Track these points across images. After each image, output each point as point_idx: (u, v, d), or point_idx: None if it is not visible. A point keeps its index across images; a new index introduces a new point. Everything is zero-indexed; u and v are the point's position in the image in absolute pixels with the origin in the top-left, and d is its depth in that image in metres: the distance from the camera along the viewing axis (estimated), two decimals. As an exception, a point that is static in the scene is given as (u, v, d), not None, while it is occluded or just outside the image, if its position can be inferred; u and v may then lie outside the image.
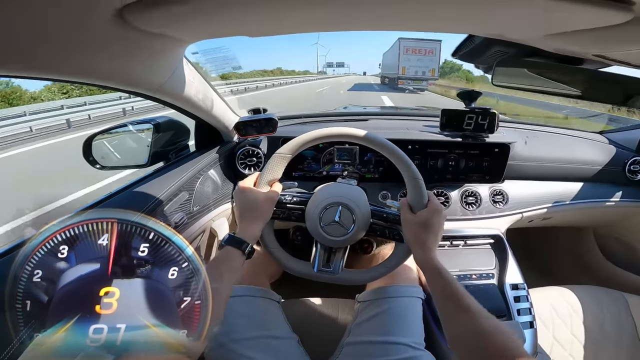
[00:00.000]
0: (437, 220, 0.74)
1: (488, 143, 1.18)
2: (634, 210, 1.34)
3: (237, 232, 0.71)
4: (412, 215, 0.76)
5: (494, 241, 1.18)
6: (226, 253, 0.67)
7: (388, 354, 0.78)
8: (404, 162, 0.78)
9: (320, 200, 0.79)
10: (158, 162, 1.06)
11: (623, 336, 1.08)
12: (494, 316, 0.56)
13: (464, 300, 0.60)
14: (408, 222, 0.76)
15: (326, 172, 1.21)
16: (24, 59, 0.45)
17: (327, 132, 0.80)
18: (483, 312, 0.58)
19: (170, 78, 0.76)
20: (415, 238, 0.74)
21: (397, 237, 0.80)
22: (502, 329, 0.54)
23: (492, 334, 0.53)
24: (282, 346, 0.80)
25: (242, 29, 0.63)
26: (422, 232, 0.73)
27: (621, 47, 0.54)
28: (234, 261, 0.66)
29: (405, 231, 0.77)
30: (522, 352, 0.50)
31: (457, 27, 0.64)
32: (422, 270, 0.71)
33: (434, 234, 0.73)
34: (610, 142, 1.41)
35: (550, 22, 0.51)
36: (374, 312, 0.86)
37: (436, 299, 0.65)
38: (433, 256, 0.70)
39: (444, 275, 0.65)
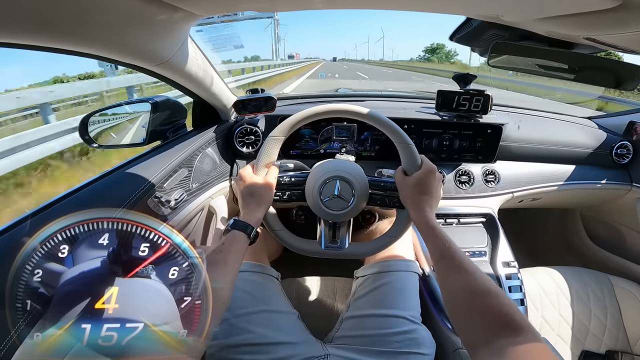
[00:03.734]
0: (432, 180, 0.74)
1: (481, 124, 1.21)
2: (619, 192, 1.38)
3: (242, 217, 0.72)
4: (407, 178, 0.77)
5: (486, 220, 1.22)
6: (233, 236, 0.67)
7: (387, 327, 0.79)
8: (392, 129, 0.79)
9: (318, 177, 0.80)
10: (156, 140, 1.06)
11: (608, 318, 1.12)
12: (489, 277, 0.55)
13: (457, 259, 0.59)
14: (403, 185, 0.76)
15: (324, 150, 1.22)
16: (21, 24, 0.44)
17: (314, 110, 0.80)
18: (477, 271, 0.56)
19: (177, 53, 0.76)
20: (410, 199, 0.74)
21: (398, 204, 0.80)
22: (495, 291, 0.52)
23: (484, 294, 0.52)
24: (283, 320, 0.81)
25: (255, 3, 0.62)
26: (417, 192, 0.73)
27: (610, 30, 0.55)
28: (239, 244, 0.67)
29: (401, 195, 0.77)
30: (520, 315, 0.48)
31: (451, 7, 0.65)
32: (419, 230, 0.70)
33: (429, 193, 0.73)
34: (599, 126, 1.45)
35: (542, 5, 0.52)
36: (372, 286, 0.88)
37: (432, 260, 0.65)
38: (429, 216, 0.69)
39: (438, 234, 0.65)
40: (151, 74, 0.82)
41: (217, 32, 8.63)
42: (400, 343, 0.77)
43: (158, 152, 0.96)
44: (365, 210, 0.84)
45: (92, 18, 0.50)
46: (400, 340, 0.77)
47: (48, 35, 0.49)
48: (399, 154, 0.80)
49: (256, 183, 0.77)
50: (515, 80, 7.56)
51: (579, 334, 1.10)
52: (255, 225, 0.71)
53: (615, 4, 0.43)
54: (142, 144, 1.03)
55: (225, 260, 0.62)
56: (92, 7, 0.48)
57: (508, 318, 0.47)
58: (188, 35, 0.80)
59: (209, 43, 1.72)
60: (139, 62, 0.72)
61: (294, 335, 0.79)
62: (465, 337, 0.53)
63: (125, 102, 1.09)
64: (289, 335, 0.78)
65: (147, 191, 0.83)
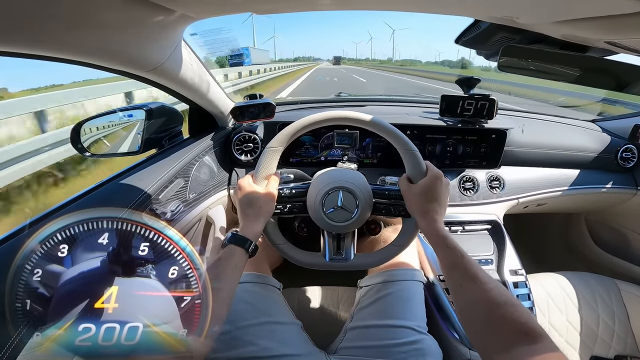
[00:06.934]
0: (439, 187, 0.72)
1: (486, 129, 1.19)
2: (624, 197, 1.37)
3: (240, 230, 0.70)
4: (412, 185, 0.74)
5: (491, 227, 1.20)
6: (230, 251, 0.65)
7: (392, 338, 0.77)
8: (395, 135, 0.77)
9: (320, 188, 0.78)
10: (151, 149, 1.02)
11: (616, 323, 1.11)
12: (503, 286, 0.53)
13: (471, 269, 0.57)
14: (409, 193, 0.74)
15: (324, 158, 1.19)
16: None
17: (312, 119, 0.78)
18: (491, 281, 0.55)
19: (170, 58, 0.73)
20: (417, 208, 0.72)
21: (403, 213, 0.78)
22: (512, 301, 0.51)
23: (501, 305, 0.51)
24: (286, 332, 0.79)
25: (250, 5, 0.60)
26: (424, 200, 0.71)
27: (636, 34, 0.53)
28: (237, 260, 0.65)
29: (407, 203, 0.75)
30: (537, 325, 0.47)
31: (463, 9, 0.62)
32: (429, 240, 0.68)
33: (437, 201, 0.71)
34: (603, 130, 1.43)
35: (564, 8, 0.49)
36: (376, 296, 0.86)
37: (443, 270, 0.63)
38: (438, 226, 0.67)
39: (450, 244, 0.63)
40: (143, 80, 0.78)
41: (213, 35, 8.61)
42: (406, 354, 0.75)
43: (153, 161, 0.93)
44: (369, 219, 0.81)
45: (77, 22, 0.47)
46: (406, 351, 0.75)
47: (29, 41, 0.46)
48: (402, 160, 0.78)
49: (255, 193, 0.75)
50: (520, 84, 7.59)
51: (587, 339, 1.09)
52: (253, 239, 0.69)
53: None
54: (137, 153, 0.99)
55: (222, 275, 0.61)
56: (77, 10, 0.45)
57: (526, 327, 0.47)
58: (182, 39, 0.76)
59: (205, 47, 1.69)
60: (130, 68, 0.69)
61: (298, 347, 0.77)
62: (482, 347, 0.52)
63: (119, 108, 1.05)
64: (293, 347, 0.76)
65: (142, 203, 0.80)
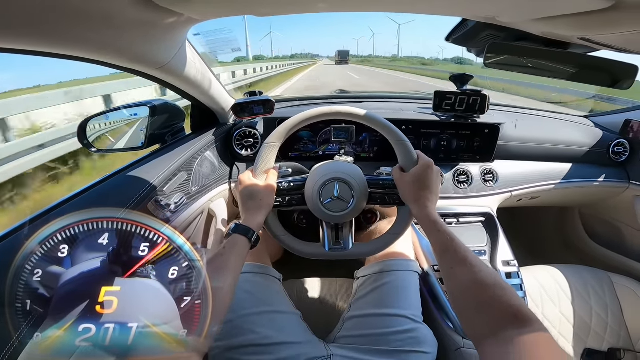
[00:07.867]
0: (430, 175, 0.74)
1: (479, 123, 1.22)
2: (617, 190, 1.39)
3: (242, 221, 0.72)
4: (405, 174, 0.77)
5: (485, 219, 1.22)
6: (234, 241, 0.68)
7: (388, 326, 0.79)
8: (386, 127, 0.80)
9: (316, 180, 0.80)
10: (154, 144, 1.06)
11: (609, 316, 1.12)
12: (492, 269, 0.54)
13: (461, 252, 0.59)
14: (402, 181, 0.77)
15: (322, 152, 1.23)
16: (8, 26, 0.42)
17: (307, 115, 0.81)
18: (481, 264, 0.56)
19: (175, 57, 0.77)
20: (410, 195, 0.74)
21: (398, 201, 0.81)
22: (501, 284, 0.52)
23: (490, 286, 0.52)
24: (286, 321, 0.81)
25: (251, 8, 0.63)
26: (416, 188, 0.73)
27: (604, 30, 0.56)
28: (240, 248, 0.67)
29: (401, 192, 0.77)
30: (526, 309, 0.48)
31: (448, 9, 0.65)
32: (421, 226, 0.70)
33: (428, 188, 0.73)
34: (596, 125, 1.46)
35: (536, 6, 0.53)
36: (372, 286, 0.88)
37: (436, 256, 0.65)
38: (430, 211, 0.69)
39: (441, 228, 0.65)
40: (150, 77, 0.82)
41: (215, 35, 8.46)
42: (402, 342, 0.77)
43: (157, 155, 0.96)
44: (366, 209, 0.84)
45: (87, 22, 0.50)
46: (402, 339, 0.77)
47: (38, 37, 0.47)
48: (393, 149, 0.80)
49: (256, 186, 0.77)
50: (513, 81, 7.57)
51: (581, 331, 1.10)
52: (256, 230, 0.71)
53: (608, 5, 0.44)
54: (141, 148, 1.03)
55: (227, 263, 0.63)
56: (88, 11, 0.48)
57: (515, 309, 0.47)
58: (186, 39, 0.80)
59: (207, 47, 1.72)
60: (137, 66, 0.73)
61: (297, 336, 0.79)
62: (471, 329, 0.53)
63: (123, 106, 1.08)
64: (292, 336, 0.78)
65: (147, 195, 0.83)
